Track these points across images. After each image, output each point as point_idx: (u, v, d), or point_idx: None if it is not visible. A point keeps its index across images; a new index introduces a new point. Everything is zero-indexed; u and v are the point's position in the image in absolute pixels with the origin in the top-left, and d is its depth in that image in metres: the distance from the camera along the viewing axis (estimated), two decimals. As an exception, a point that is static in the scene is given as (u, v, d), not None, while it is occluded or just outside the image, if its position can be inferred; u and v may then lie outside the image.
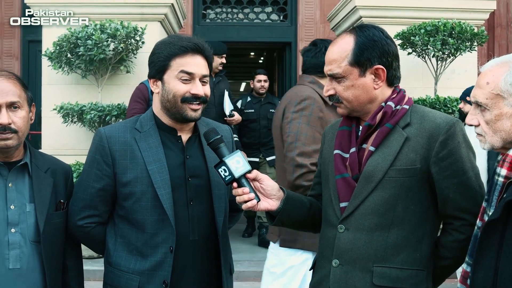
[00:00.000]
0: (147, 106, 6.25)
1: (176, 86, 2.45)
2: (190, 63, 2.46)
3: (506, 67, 1.92)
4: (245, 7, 11.61)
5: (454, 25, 6.82)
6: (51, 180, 2.54)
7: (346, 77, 2.23)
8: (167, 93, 2.47)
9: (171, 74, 2.46)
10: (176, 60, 2.46)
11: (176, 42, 2.48)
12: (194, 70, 2.46)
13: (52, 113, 7.15)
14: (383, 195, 2.18)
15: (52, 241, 2.49)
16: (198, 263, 2.54)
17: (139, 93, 6.30)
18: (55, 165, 2.63)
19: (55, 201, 2.53)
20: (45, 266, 2.45)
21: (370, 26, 2.30)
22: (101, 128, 2.57)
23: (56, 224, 2.51)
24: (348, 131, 2.33)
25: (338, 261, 2.24)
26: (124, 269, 2.49)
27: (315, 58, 3.57)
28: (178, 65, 2.45)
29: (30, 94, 2.51)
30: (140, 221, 2.46)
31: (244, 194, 2.25)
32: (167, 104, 2.48)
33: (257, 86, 8.53)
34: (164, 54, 2.47)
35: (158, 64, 2.48)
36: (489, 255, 1.86)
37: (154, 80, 2.52)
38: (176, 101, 2.46)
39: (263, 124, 8.26)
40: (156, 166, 2.46)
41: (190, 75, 2.46)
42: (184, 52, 2.46)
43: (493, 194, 1.98)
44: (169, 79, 2.47)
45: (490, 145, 1.98)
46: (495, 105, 1.92)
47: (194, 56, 2.48)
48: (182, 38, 2.51)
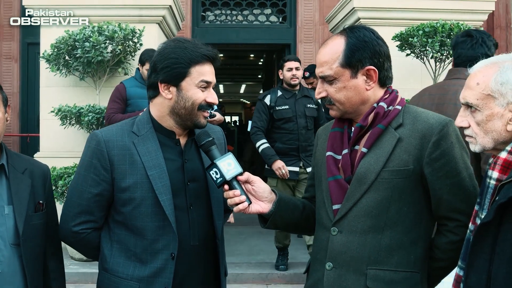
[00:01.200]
0: (125, 106, 6.27)
1: (196, 94, 2.42)
2: (209, 72, 2.45)
3: (495, 68, 1.91)
4: (244, 9, 11.60)
5: (453, 26, 6.80)
6: (29, 181, 2.50)
7: (338, 78, 2.21)
8: (185, 100, 2.42)
9: (190, 81, 2.42)
10: (196, 68, 2.41)
11: (193, 48, 2.43)
12: (212, 79, 2.46)
13: (50, 115, 7.13)
14: (376, 197, 2.16)
15: (32, 243, 2.45)
16: (198, 268, 2.52)
17: (117, 93, 6.34)
18: (33, 166, 2.58)
19: (33, 203, 2.49)
20: (26, 269, 2.41)
21: (360, 27, 2.28)
22: (97, 131, 2.51)
23: (36, 226, 2.47)
24: (340, 132, 2.31)
25: (332, 264, 2.22)
26: (122, 275, 2.45)
27: (471, 49, 3.46)
28: (198, 74, 2.42)
29: (5, 95, 2.47)
30: (140, 227, 2.42)
31: (235, 197, 2.24)
32: (182, 111, 2.44)
33: (288, 76, 6.67)
34: (184, 60, 2.40)
35: (177, 70, 2.41)
36: (482, 258, 1.85)
37: (167, 85, 2.44)
38: (193, 108, 2.43)
39: (302, 124, 6.60)
40: (157, 171, 2.42)
41: (208, 83, 2.44)
42: (204, 61, 2.43)
43: (485, 197, 1.97)
44: (188, 86, 2.42)
45: (481, 146, 1.97)
46: (486, 105, 1.91)
47: (210, 64, 2.47)
48: (197, 45, 2.46)
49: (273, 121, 6.55)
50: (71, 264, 6.69)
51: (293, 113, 6.57)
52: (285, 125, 6.56)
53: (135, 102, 6.29)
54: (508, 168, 1.91)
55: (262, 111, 6.63)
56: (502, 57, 1.95)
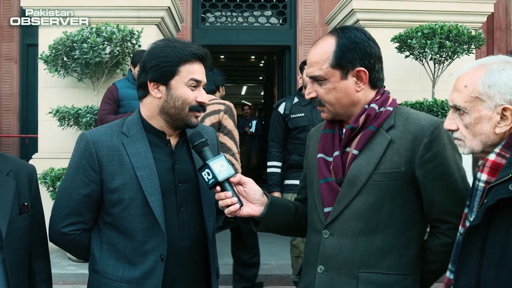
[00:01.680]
0: (118, 107, 6.27)
1: (186, 93, 2.41)
2: (198, 71, 2.44)
3: (483, 70, 1.90)
4: (244, 11, 11.60)
5: (451, 28, 6.79)
6: (13, 183, 2.44)
7: (328, 79, 2.20)
8: (175, 99, 2.41)
9: (179, 80, 2.41)
10: (185, 66, 2.40)
11: (182, 47, 2.42)
12: (202, 78, 2.44)
13: (48, 116, 7.14)
14: (367, 200, 2.14)
15: (16, 246, 2.40)
16: (188, 270, 2.50)
17: (109, 94, 6.34)
18: (18, 167, 2.52)
19: (18, 205, 2.43)
20: (9, 273, 2.36)
21: (352, 28, 2.26)
22: (86, 132, 2.50)
23: (20, 228, 2.42)
24: (331, 134, 2.29)
25: (323, 267, 2.20)
26: (111, 277, 2.43)
27: None
28: (188, 72, 2.41)
29: None
30: (129, 229, 2.41)
31: (227, 198, 2.22)
32: (172, 110, 2.43)
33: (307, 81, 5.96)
34: (173, 58, 2.40)
35: (166, 69, 2.40)
36: (471, 261, 1.84)
37: (156, 84, 2.43)
38: (183, 108, 2.42)
39: None
40: (146, 172, 2.40)
41: (198, 82, 2.43)
42: (194, 59, 2.42)
43: (474, 199, 1.96)
44: (177, 85, 2.41)
45: (469, 149, 1.95)
46: (474, 108, 1.90)
47: (200, 63, 2.46)
48: (186, 44, 2.46)
49: (288, 131, 5.81)
50: (69, 265, 6.68)
51: (309, 121, 5.67)
52: (300, 135, 5.67)
53: (127, 103, 6.29)
54: (496, 170, 1.89)
55: (276, 121, 5.92)
56: (490, 59, 1.93)
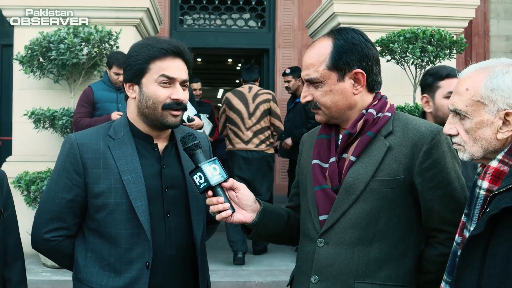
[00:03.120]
0: (93, 109, 6.21)
1: (156, 91, 2.32)
2: (171, 66, 2.33)
3: (486, 73, 1.83)
4: (222, 13, 11.58)
5: (434, 33, 6.80)
6: None
7: (324, 82, 2.14)
8: (146, 98, 2.33)
9: (149, 78, 2.33)
10: (155, 63, 2.32)
11: (155, 44, 2.34)
12: (175, 75, 2.34)
13: (23, 118, 6.99)
14: (364, 208, 2.08)
15: None
16: (175, 280, 2.42)
17: (84, 97, 6.31)
18: None
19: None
20: None
21: (349, 29, 2.20)
22: (71, 134, 2.43)
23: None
24: (327, 139, 2.23)
25: (318, 277, 2.14)
26: (95, 286, 2.35)
27: None
28: (158, 69, 2.32)
29: None
30: (114, 235, 2.33)
31: (218, 204, 2.14)
32: (145, 110, 2.35)
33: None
34: (142, 56, 2.33)
35: (136, 67, 2.33)
36: (471, 272, 1.78)
37: (131, 84, 2.38)
38: (155, 107, 2.33)
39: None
40: (131, 176, 2.33)
41: (171, 79, 2.33)
42: (164, 55, 2.33)
43: (474, 208, 1.89)
44: (147, 83, 2.33)
45: (470, 155, 1.89)
46: (475, 112, 1.83)
47: (175, 59, 2.35)
48: (160, 41, 2.37)
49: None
50: (43, 271, 6.54)
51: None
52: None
53: (103, 105, 6.22)
54: (499, 178, 1.83)
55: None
56: (493, 62, 1.87)
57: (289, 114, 8.14)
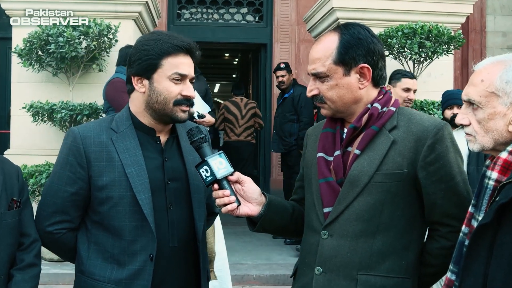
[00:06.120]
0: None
1: (168, 87, 2.34)
2: (184, 63, 2.36)
3: (502, 66, 1.87)
4: (220, 8, 11.57)
5: (432, 28, 6.81)
6: (0, 178, 2.34)
7: (330, 76, 2.16)
8: (157, 94, 2.35)
9: (162, 74, 2.34)
10: (168, 59, 2.33)
11: (167, 40, 2.35)
12: (187, 72, 2.37)
13: (21, 112, 6.97)
14: (368, 201, 2.11)
15: (5, 243, 2.30)
16: (177, 271, 2.44)
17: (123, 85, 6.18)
18: (3, 163, 2.44)
19: (6, 200, 2.32)
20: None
21: (355, 25, 2.23)
22: (74, 127, 2.43)
23: (9, 224, 2.31)
24: (332, 133, 2.25)
25: (321, 269, 2.16)
26: (99, 278, 2.36)
27: None
28: (171, 66, 2.33)
29: None
30: (117, 228, 2.34)
31: (224, 197, 2.17)
32: (155, 105, 2.36)
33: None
34: (155, 51, 2.33)
35: (147, 62, 2.34)
36: (478, 261, 1.80)
37: (139, 78, 2.38)
38: (167, 103, 2.35)
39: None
40: (135, 169, 2.34)
41: (182, 76, 2.35)
42: (177, 52, 2.35)
43: (483, 198, 1.91)
44: (159, 79, 2.34)
45: (480, 145, 1.92)
46: (488, 103, 1.86)
47: (186, 56, 2.38)
48: (171, 36, 2.38)
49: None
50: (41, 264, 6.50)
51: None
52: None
53: None
54: (508, 169, 1.86)
55: None
56: (509, 56, 1.90)
57: (278, 109, 8.83)
